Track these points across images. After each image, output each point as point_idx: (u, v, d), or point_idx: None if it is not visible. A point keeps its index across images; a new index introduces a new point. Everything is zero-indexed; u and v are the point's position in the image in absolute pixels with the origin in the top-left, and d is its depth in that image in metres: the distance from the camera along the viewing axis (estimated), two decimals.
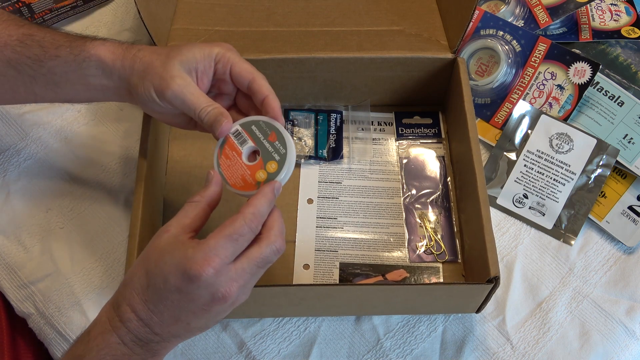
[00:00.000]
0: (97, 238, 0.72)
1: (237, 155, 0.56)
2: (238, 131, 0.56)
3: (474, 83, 0.81)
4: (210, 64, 0.57)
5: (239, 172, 0.55)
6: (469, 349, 0.67)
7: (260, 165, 0.55)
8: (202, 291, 0.48)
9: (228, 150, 0.56)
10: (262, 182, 0.54)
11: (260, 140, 0.56)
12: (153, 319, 0.49)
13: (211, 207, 0.53)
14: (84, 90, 0.60)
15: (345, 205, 0.74)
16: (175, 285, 0.48)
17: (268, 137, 0.56)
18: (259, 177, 0.55)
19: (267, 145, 0.55)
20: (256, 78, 0.57)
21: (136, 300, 0.49)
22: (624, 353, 0.68)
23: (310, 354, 0.66)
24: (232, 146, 0.56)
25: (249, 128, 0.56)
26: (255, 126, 0.56)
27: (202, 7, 0.80)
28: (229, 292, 0.48)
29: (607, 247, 0.74)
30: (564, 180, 0.75)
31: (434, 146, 0.79)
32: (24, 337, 0.71)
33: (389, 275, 0.70)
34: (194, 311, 0.49)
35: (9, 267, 0.70)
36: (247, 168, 0.55)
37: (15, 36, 0.58)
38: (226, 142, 0.56)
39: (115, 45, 0.58)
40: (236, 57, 0.58)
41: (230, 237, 0.48)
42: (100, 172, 0.76)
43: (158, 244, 0.50)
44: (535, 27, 0.84)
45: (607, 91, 0.79)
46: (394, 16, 0.80)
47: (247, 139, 0.56)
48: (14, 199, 0.74)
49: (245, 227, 0.49)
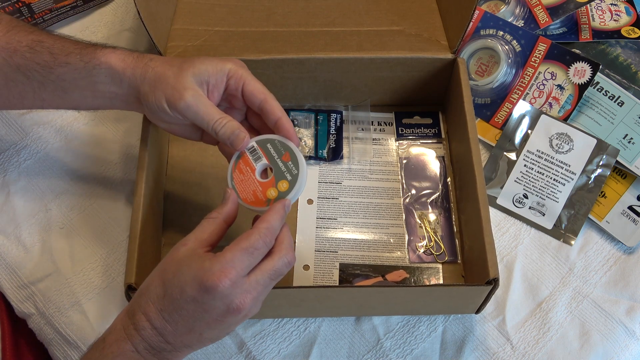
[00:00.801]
0: (97, 238, 0.72)
1: (250, 171, 0.58)
2: (254, 147, 0.58)
3: (474, 83, 0.81)
4: (222, 79, 0.59)
5: (250, 187, 0.57)
6: (469, 349, 0.67)
7: (272, 183, 0.57)
8: (218, 302, 0.49)
9: (242, 165, 0.58)
10: (272, 200, 0.56)
11: (274, 158, 0.57)
12: (167, 328, 0.50)
13: (227, 224, 0.55)
14: (91, 97, 0.60)
15: (345, 205, 0.74)
16: (192, 296, 0.49)
17: (282, 156, 0.57)
18: (269, 195, 0.56)
19: (280, 164, 0.57)
20: (268, 99, 0.59)
21: (151, 309, 0.50)
22: (624, 353, 0.68)
23: (310, 354, 0.66)
24: (246, 162, 0.58)
25: (264, 146, 0.58)
26: (271, 144, 0.58)
27: (202, 7, 0.80)
28: (243, 304, 0.50)
29: (607, 247, 0.74)
30: (564, 180, 0.75)
31: (434, 146, 0.79)
32: (25, 338, 0.71)
33: (388, 276, 0.70)
34: (208, 322, 0.50)
35: (9, 267, 0.70)
36: (259, 184, 0.57)
37: (24, 42, 0.59)
38: (241, 157, 0.58)
39: (126, 53, 0.59)
40: (249, 76, 0.59)
41: (246, 250, 0.50)
42: (100, 172, 0.76)
43: (176, 256, 0.51)
44: (535, 27, 0.84)
45: (607, 91, 0.79)
46: (394, 16, 0.79)
47: (262, 156, 0.58)
48: (14, 199, 0.74)
49: (260, 241, 0.51)
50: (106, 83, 0.59)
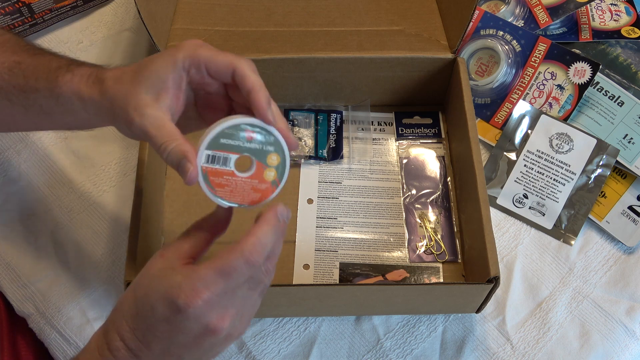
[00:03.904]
0: (97, 238, 0.72)
1: (229, 175, 0.49)
2: (210, 156, 0.48)
3: (474, 83, 0.81)
4: (179, 75, 0.49)
5: (245, 187, 0.49)
6: (469, 349, 0.67)
7: (260, 167, 0.49)
8: (192, 323, 0.44)
9: (216, 179, 0.48)
10: (275, 179, 0.50)
11: (240, 146, 0.48)
12: (142, 350, 0.45)
13: (214, 234, 0.49)
14: (74, 121, 0.55)
15: (345, 205, 0.74)
16: (163, 315, 0.44)
17: (246, 138, 0.48)
18: (268, 177, 0.50)
19: (250, 145, 0.48)
20: (236, 69, 0.48)
21: (125, 329, 0.45)
22: (624, 353, 0.68)
23: (310, 354, 0.66)
24: (216, 173, 0.48)
25: (218, 145, 0.48)
26: (224, 138, 0.48)
27: (202, 7, 0.80)
28: (222, 324, 0.44)
29: (607, 247, 0.74)
30: (564, 180, 0.75)
31: (434, 146, 0.79)
32: (24, 337, 0.71)
33: (389, 276, 0.70)
34: (185, 344, 0.45)
35: (9, 267, 0.70)
36: (250, 179, 0.49)
37: (7, 64, 0.54)
38: (208, 176, 0.48)
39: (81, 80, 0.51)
40: (208, 53, 0.49)
41: (221, 271, 0.43)
42: (101, 172, 0.76)
43: (150, 269, 0.46)
44: (535, 27, 0.84)
45: (607, 91, 0.79)
46: (394, 16, 0.80)
47: (227, 154, 0.48)
48: (14, 199, 0.74)
49: (240, 262, 0.43)
50: (76, 110, 0.52)
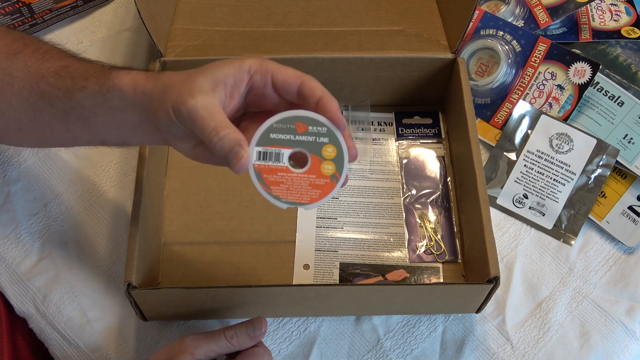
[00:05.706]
0: (97, 238, 0.72)
1: (284, 172, 0.47)
2: (261, 152, 0.47)
3: (474, 83, 0.81)
4: (242, 77, 0.50)
5: (303, 184, 0.47)
6: (469, 349, 0.67)
7: (316, 161, 0.47)
8: None
9: (270, 177, 0.47)
10: (334, 173, 0.47)
11: (292, 140, 0.47)
12: None
13: None
14: (113, 128, 0.55)
15: (345, 205, 0.74)
16: None
17: (297, 131, 0.47)
18: (326, 172, 0.47)
19: (304, 138, 0.47)
20: (305, 80, 0.50)
21: None
22: (624, 353, 0.68)
23: (310, 354, 0.66)
24: (269, 170, 0.47)
25: (268, 140, 0.47)
26: (274, 133, 0.47)
27: (202, 7, 0.80)
28: None
29: (607, 247, 0.74)
30: (564, 180, 0.75)
31: (434, 146, 0.79)
32: (24, 337, 0.71)
33: (389, 276, 0.70)
34: None
35: (9, 267, 0.70)
36: (306, 174, 0.47)
37: (53, 68, 0.55)
38: (261, 174, 0.47)
39: (139, 74, 0.53)
40: (276, 65, 0.51)
41: None
42: (100, 172, 0.76)
43: None
44: (535, 27, 0.84)
45: (607, 91, 0.79)
46: (394, 16, 0.80)
47: (279, 149, 0.47)
48: (14, 199, 0.74)
49: None
50: (121, 109, 0.53)
